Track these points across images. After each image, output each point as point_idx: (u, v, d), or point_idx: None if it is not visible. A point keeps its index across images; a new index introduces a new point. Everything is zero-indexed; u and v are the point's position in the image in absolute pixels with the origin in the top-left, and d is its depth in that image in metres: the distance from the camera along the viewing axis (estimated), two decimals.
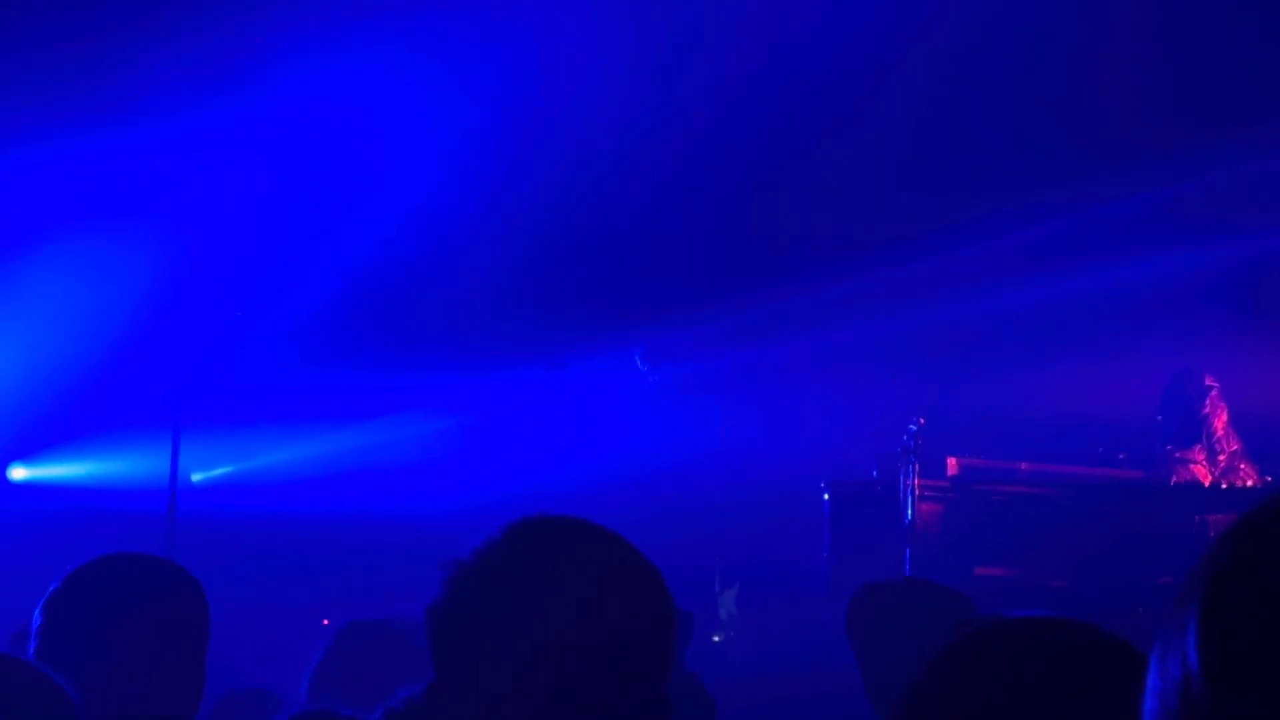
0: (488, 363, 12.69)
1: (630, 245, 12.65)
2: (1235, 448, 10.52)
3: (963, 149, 12.13)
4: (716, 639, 10.66)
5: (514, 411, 12.90)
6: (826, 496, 10.20)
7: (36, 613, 3.19)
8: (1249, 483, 10.29)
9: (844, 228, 12.22)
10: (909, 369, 12.04)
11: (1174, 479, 10.36)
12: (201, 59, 11.02)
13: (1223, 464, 10.45)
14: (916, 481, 9.57)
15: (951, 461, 10.22)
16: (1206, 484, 10.32)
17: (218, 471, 13.04)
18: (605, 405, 12.60)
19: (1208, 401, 10.56)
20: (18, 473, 12.93)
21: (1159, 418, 10.75)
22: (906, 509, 9.51)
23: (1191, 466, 10.45)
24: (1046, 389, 11.78)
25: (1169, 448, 10.56)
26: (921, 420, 9.68)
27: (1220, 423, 10.55)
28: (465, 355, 12.67)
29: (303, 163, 12.10)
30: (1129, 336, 11.90)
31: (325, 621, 11.99)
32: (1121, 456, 10.85)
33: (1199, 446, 10.50)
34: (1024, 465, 10.54)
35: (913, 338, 12.32)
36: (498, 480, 11.84)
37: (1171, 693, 1.36)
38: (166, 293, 12.03)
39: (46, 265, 12.00)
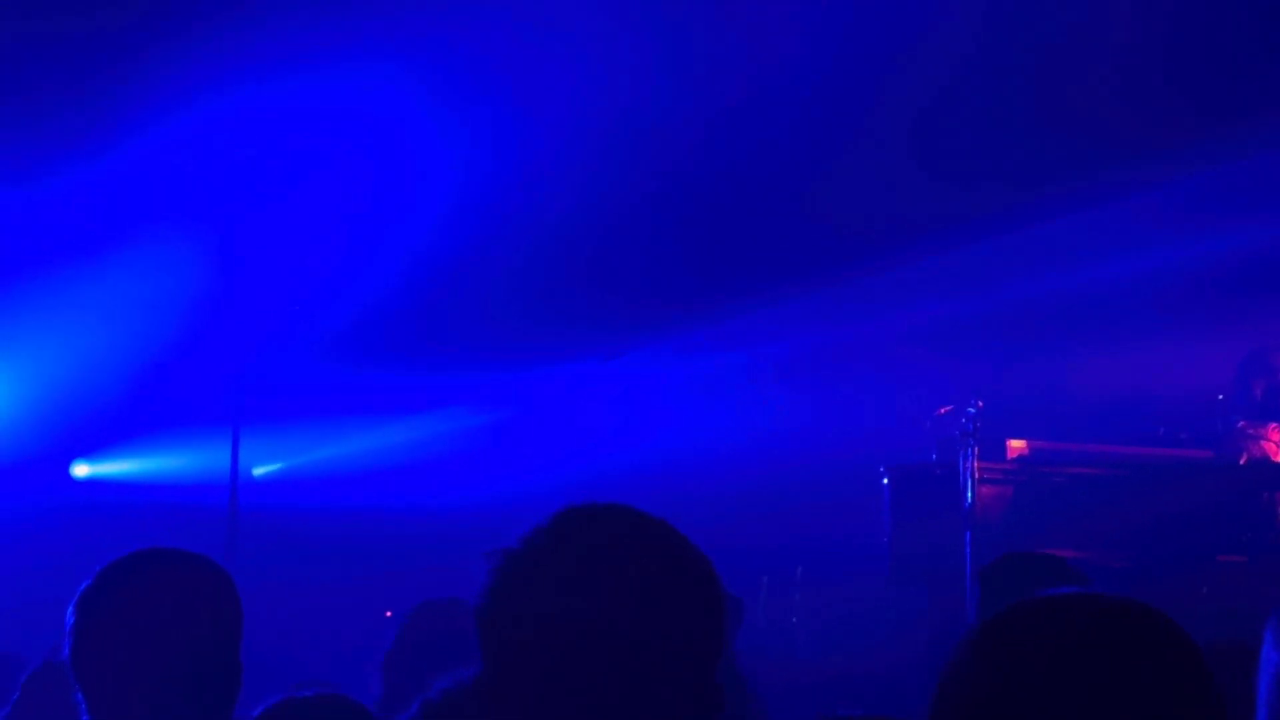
0: (540, 356, 12.72)
1: (681, 236, 12.64)
2: None
3: (1015, 131, 12.05)
4: (795, 620, 10.67)
5: (565, 403, 12.92)
6: (886, 480, 10.16)
7: (69, 610, 3.19)
8: None
9: (898, 213, 12.17)
10: (965, 352, 11.98)
11: (1244, 456, 10.27)
12: (255, 74, 11.23)
13: None
14: (976, 464, 9.52)
15: (1011, 444, 10.15)
16: (1278, 460, 10.22)
17: (278, 466, 13.12)
18: (659, 395, 12.59)
19: None
20: (81, 469, 13.04)
21: (1220, 397, 10.66)
22: (966, 492, 9.46)
23: (1263, 443, 10.35)
24: (1105, 370, 11.70)
25: (1241, 424, 10.47)
26: (980, 403, 9.63)
27: None
28: (516, 349, 12.71)
29: (352, 168, 12.22)
30: (1186, 317, 11.80)
31: (389, 614, 12.04)
32: (1183, 436, 10.77)
33: (1274, 425, 10.41)
34: (1084, 446, 10.46)
35: (968, 321, 12.25)
36: (549, 469, 11.87)
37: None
38: (224, 293, 12.13)
39: (108, 268, 12.16)
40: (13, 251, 12.19)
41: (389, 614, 12.03)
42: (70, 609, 3.19)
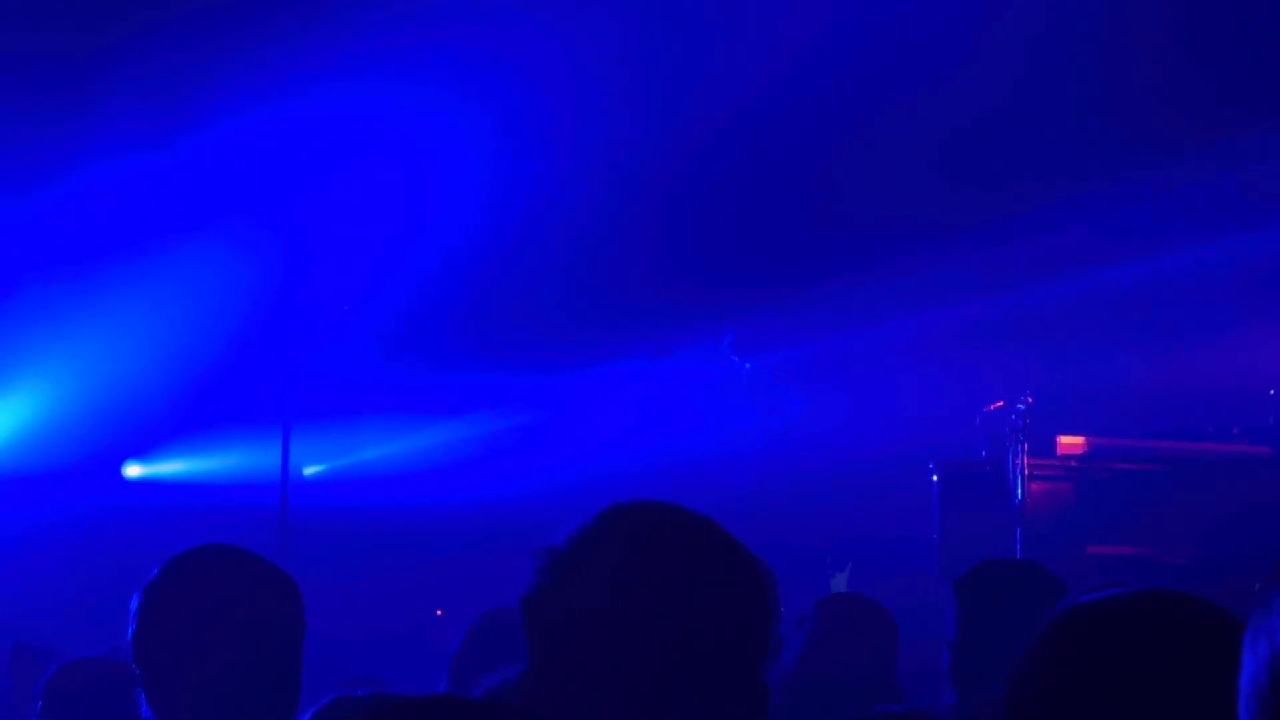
0: (585, 355, 12.75)
1: (725, 233, 12.63)
2: None
3: (1064, 123, 11.99)
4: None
5: (607, 401, 12.93)
6: (935, 477, 10.13)
7: (134, 600, 3.21)
8: None
9: (947, 208, 12.13)
10: (1015, 348, 11.93)
11: None
12: (307, 84, 11.48)
13: None
14: (1026, 460, 9.48)
15: (1061, 440, 10.11)
16: None
17: (328, 466, 13.16)
18: (703, 393, 12.58)
19: None
20: (132, 470, 13.11)
21: (1272, 391, 10.58)
22: (1016, 488, 9.43)
23: None
24: (1155, 365, 11.63)
25: None
26: (1030, 399, 9.60)
27: None
28: (560, 349, 12.73)
29: (400, 171, 12.35)
30: (1238, 311, 11.72)
31: (439, 612, 12.08)
32: (1235, 431, 10.69)
33: None
34: (1135, 442, 10.40)
35: (1018, 317, 12.19)
36: (593, 467, 11.87)
37: (1262, 671, 1.49)
38: (275, 294, 12.26)
39: (161, 270, 12.27)
40: (68, 252, 12.34)
41: (439, 613, 12.08)
42: (135, 598, 3.21)
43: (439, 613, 12.10)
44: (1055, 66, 11.82)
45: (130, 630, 3.18)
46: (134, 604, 3.20)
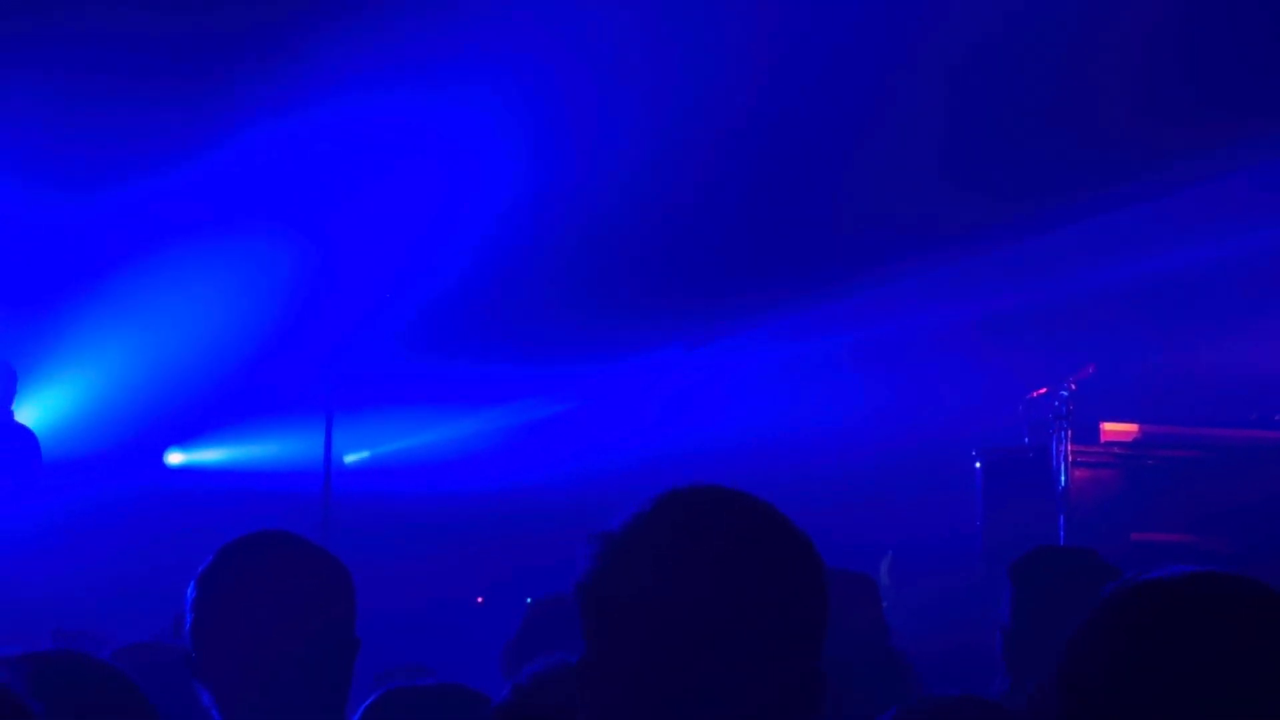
0: (623, 345, 12.78)
1: (762, 222, 12.62)
2: None
3: (1108, 110, 11.93)
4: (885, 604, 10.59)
5: (649, 390, 12.95)
6: (978, 464, 10.10)
7: (190, 587, 3.23)
8: None
9: (988, 194, 12.09)
10: (1054, 336, 11.88)
11: None
12: (345, 85, 11.81)
13: None
14: (1069, 447, 9.44)
15: (1105, 426, 10.06)
16: None
17: (370, 453, 13.21)
18: (745, 382, 12.58)
19: None
20: (174, 458, 13.19)
21: None
22: (1059, 475, 9.39)
23: None
24: (1198, 352, 11.57)
25: None
26: (1073, 385, 9.56)
27: None
28: (600, 339, 12.76)
29: (442, 160, 12.44)
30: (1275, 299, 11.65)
31: (480, 600, 12.11)
32: (1277, 418, 10.63)
33: None
34: (1179, 429, 10.33)
35: (1060, 304, 12.15)
36: (636, 454, 11.89)
37: None
38: (317, 283, 12.43)
39: (206, 260, 12.41)
40: (116, 246, 12.50)
41: (480, 600, 12.12)
42: (191, 588, 3.23)
43: (479, 600, 12.14)
44: (1099, 50, 11.77)
45: (188, 620, 3.20)
46: (190, 594, 3.22)
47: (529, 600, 5.90)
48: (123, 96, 11.82)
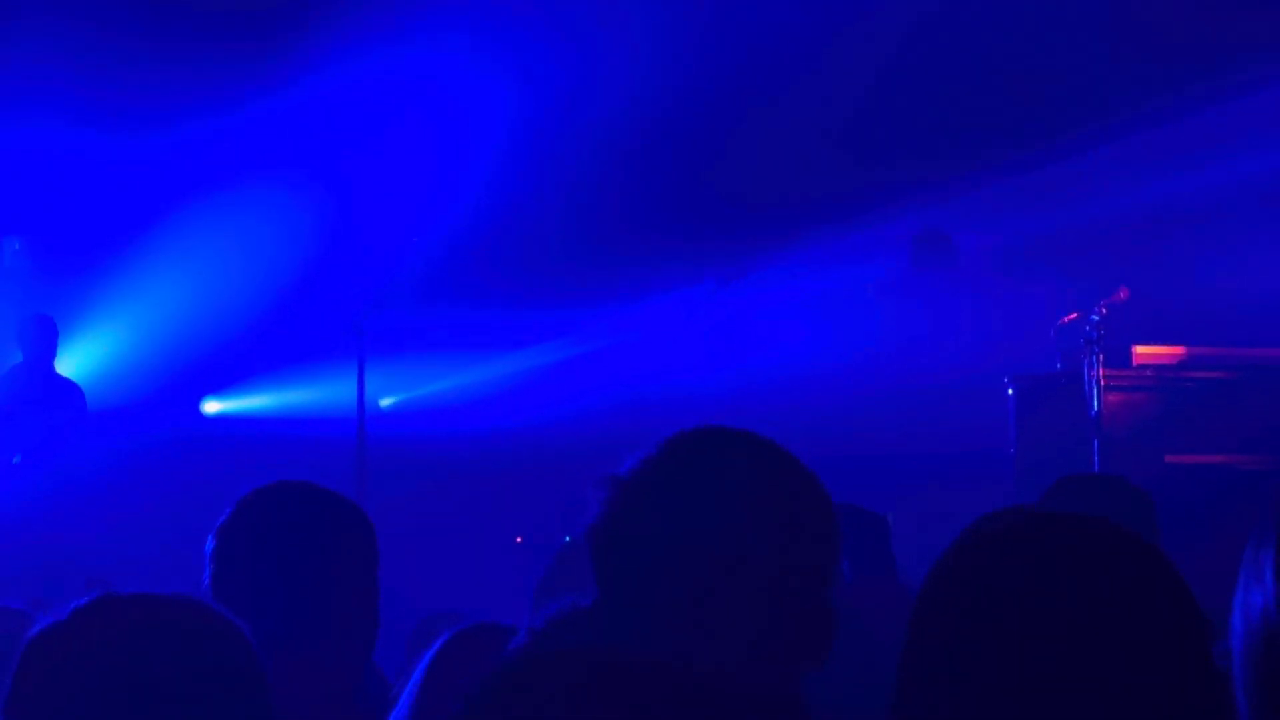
0: (651, 284, 12.79)
1: (786, 154, 12.57)
2: None
3: (1140, 38, 11.83)
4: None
5: (674, 328, 12.95)
6: (1010, 391, 10.09)
7: (210, 538, 3.24)
8: None
9: (1018, 118, 12.03)
10: (1085, 258, 11.83)
11: None
12: (364, 45, 12.27)
13: None
14: (1101, 371, 9.43)
15: (1137, 350, 10.03)
16: None
17: (404, 396, 13.26)
18: (779, 315, 12.57)
19: None
20: (211, 406, 13.27)
21: None
22: (1092, 400, 9.38)
23: None
24: (1228, 272, 11.50)
25: None
26: (1104, 309, 9.53)
27: None
28: (627, 279, 12.78)
29: (468, 108, 12.66)
30: None
31: (519, 539, 12.17)
32: None
33: None
34: (1211, 350, 10.29)
35: (1089, 227, 12.08)
36: (658, 392, 11.90)
37: (1255, 611, 1.84)
38: (346, 232, 12.59)
39: (234, 212, 12.54)
40: (150, 196, 12.64)
41: (519, 539, 12.18)
42: (209, 540, 3.25)
43: (519, 539, 12.20)
44: None
45: (207, 574, 3.22)
46: (208, 547, 3.24)
47: (566, 539, 5.94)
48: (158, 48, 12.11)
